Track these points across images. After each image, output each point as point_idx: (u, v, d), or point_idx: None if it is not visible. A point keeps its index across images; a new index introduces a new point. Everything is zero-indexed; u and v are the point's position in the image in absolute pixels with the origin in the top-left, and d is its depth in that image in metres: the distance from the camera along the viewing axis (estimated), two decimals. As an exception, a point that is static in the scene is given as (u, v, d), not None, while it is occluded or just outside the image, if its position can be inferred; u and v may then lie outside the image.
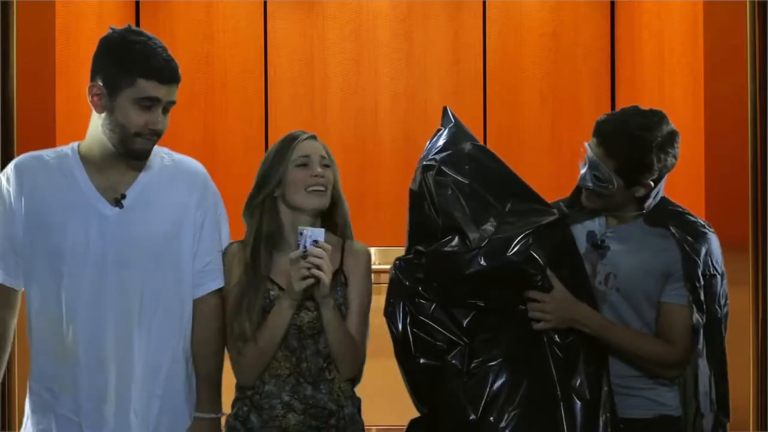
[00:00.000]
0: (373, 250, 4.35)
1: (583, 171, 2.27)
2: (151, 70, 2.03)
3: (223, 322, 2.22)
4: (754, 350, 2.95)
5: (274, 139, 4.43)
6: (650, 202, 2.27)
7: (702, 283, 2.19)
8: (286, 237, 2.26)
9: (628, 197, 2.26)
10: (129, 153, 2.09)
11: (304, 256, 2.11)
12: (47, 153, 2.16)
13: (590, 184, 2.24)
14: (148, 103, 2.04)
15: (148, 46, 2.04)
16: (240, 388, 2.24)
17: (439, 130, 2.34)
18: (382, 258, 4.13)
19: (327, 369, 2.20)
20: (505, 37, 4.71)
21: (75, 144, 2.16)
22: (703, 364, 2.22)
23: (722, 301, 2.24)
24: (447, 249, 2.14)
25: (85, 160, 2.12)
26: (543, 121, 4.68)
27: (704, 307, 2.19)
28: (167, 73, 2.05)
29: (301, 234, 2.14)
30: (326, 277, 2.12)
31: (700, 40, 3.49)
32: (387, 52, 4.70)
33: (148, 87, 2.02)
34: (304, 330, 2.19)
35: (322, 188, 2.24)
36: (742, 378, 2.94)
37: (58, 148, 2.18)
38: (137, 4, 4.65)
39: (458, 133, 2.31)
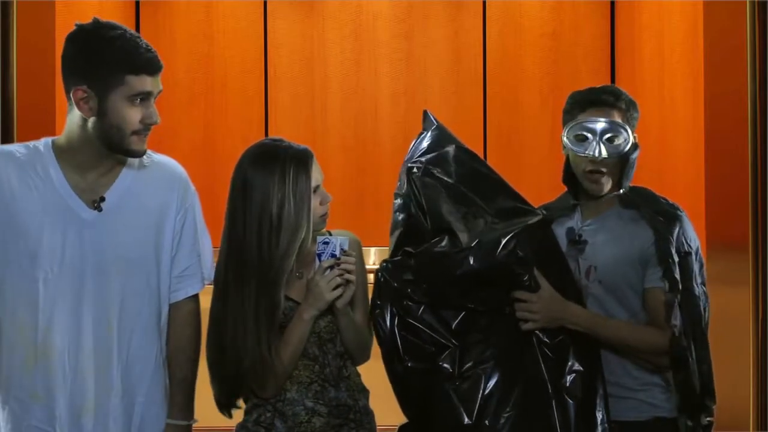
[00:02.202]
0: (372, 250, 4.40)
1: (589, 150, 2.23)
2: (138, 64, 1.94)
3: (199, 328, 2.18)
4: (754, 350, 2.95)
5: (274, 139, 4.37)
6: (625, 182, 2.28)
7: (677, 260, 2.18)
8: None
9: (627, 161, 2.26)
10: (126, 153, 2.01)
11: (337, 264, 2.09)
12: (17, 148, 2.04)
13: (606, 154, 2.22)
14: (142, 97, 1.96)
15: (126, 39, 1.95)
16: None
17: (421, 133, 2.34)
18: (381, 258, 4.12)
19: (344, 367, 2.20)
20: (505, 37, 4.70)
21: (48, 139, 2.05)
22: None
23: (698, 280, 2.23)
24: (437, 249, 2.14)
25: (62, 157, 2.02)
26: (543, 121, 4.68)
27: (679, 285, 2.18)
28: (154, 63, 1.97)
29: (327, 243, 2.10)
30: (355, 283, 2.12)
31: (700, 40, 3.49)
32: (387, 52, 4.70)
33: (139, 82, 1.94)
34: (322, 336, 2.17)
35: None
36: (742, 378, 2.94)
37: (29, 143, 2.06)
38: (137, 4, 4.65)
39: (441, 136, 2.31)
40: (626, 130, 2.23)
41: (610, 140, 2.23)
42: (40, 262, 1.98)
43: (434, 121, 2.35)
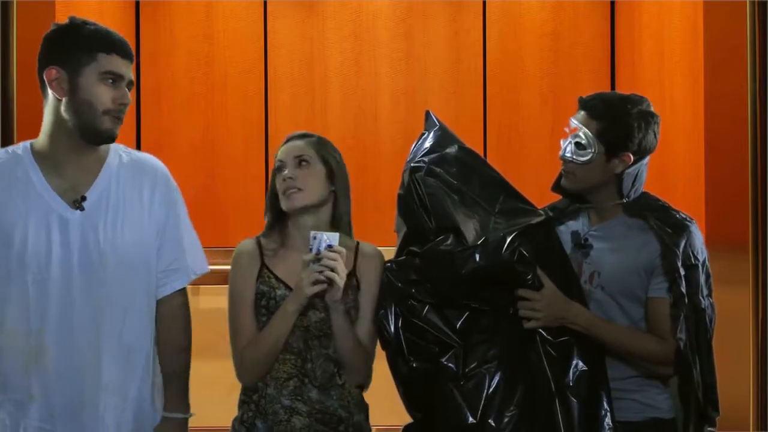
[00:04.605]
0: (372, 250, 4.39)
1: (564, 144, 2.28)
2: (110, 44, 2.01)
3: (188, 321, 2.19)
4: (754, 350, 2.95)
5: (274, 138, 4.40)
6: (630, 192, 2.27)
7: (683, 273, 2.18)
8: (292, 236, 2.25)
9: (607, 175, 2.25)
10: (96, 135, 2.01)
11: (318, 259, 2.08)
12: None
13: (569, 155, 2.26)
14: (113, 78, 1.99)
15: (99, 27, 2.04)
16: (245, 390, 2.22)
17: (423, 134, 2.34)
18: (382, 258, 4.12)
19: (338, 374, 2.18)
20: (505, 37, 4.70)
21: (27, 143, 2.07)
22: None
23: (705, 292, 2.23)
24: (443, 248, 2.13)
25: (40, 158, 2.03)
26: (543, 121, 4.68)
27: (686, 299, 2.18)
28: (126, 48, 2.04)
29: (314, 238, 2.09)
30: (340, 281, 2.08)
31: (700, 40, 3.49)
32: (387, 52, 4.70)
33: (111, 61, 2.00)
34: (311, 330, 2.16)
35: (294, 189, 2.20)
36: (742, 378, 2.94)
37: (8, 148, 2.09)
38: (137, 4, 4.64)
39: (444, 136, 2.31)
40: (590, 139, 2.23)
41: (577, 145, 2.25)
42: (27, 265, 1.99)
43: (436, 122, 2.35)
